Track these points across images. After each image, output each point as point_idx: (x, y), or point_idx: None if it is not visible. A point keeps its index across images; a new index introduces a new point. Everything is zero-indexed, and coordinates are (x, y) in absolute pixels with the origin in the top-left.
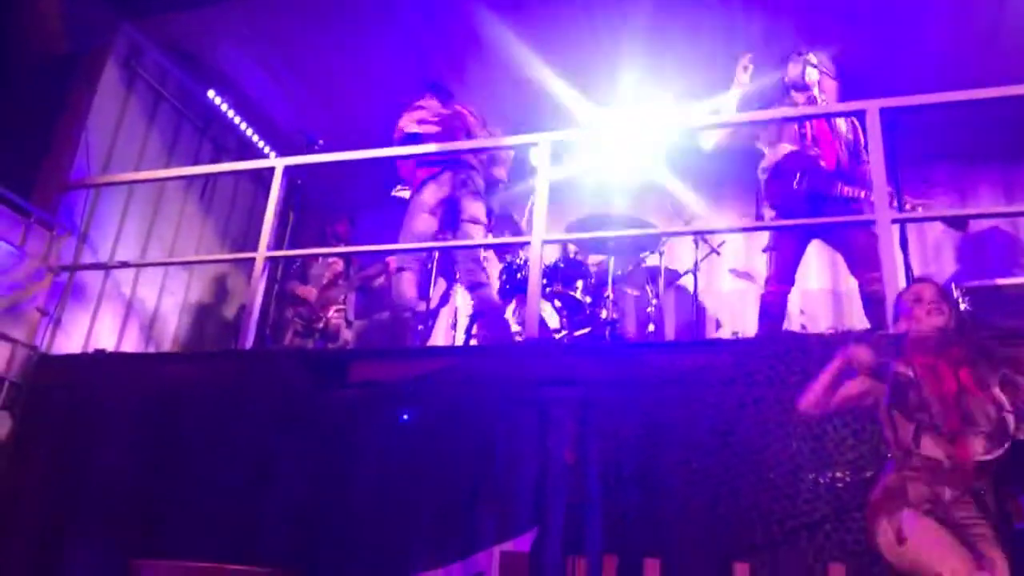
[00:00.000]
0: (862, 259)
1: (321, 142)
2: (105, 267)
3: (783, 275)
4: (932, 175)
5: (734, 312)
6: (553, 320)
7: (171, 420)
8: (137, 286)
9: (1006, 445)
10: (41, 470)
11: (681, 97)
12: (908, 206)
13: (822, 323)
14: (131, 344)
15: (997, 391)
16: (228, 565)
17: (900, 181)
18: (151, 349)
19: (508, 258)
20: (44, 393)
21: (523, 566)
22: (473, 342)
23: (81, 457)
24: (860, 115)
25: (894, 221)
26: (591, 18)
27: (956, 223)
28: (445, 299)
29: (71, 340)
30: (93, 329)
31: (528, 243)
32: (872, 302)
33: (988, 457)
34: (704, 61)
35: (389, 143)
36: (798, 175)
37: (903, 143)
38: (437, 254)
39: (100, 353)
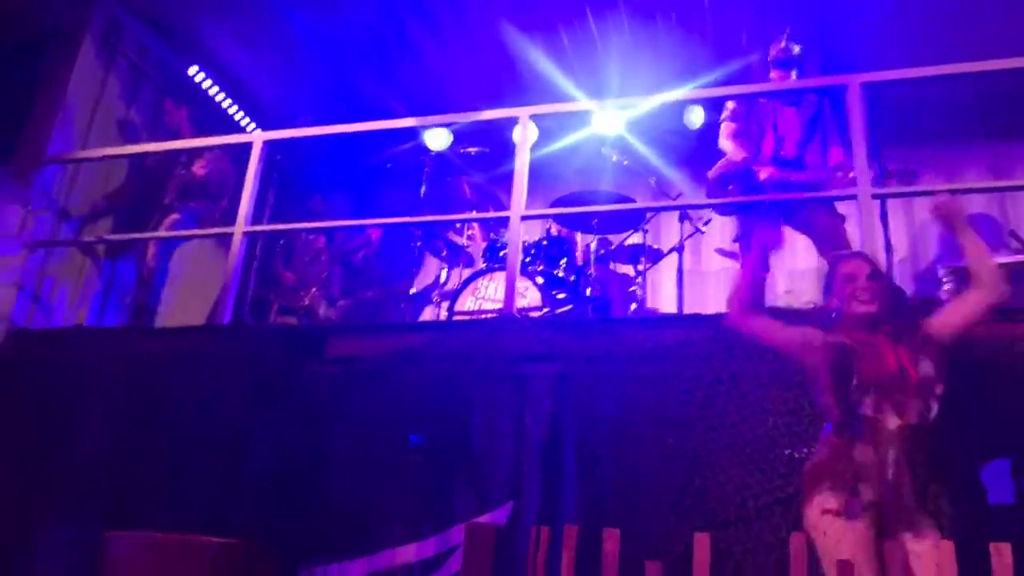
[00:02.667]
0: (827, 240)
1: (301, 116)
2: (81, 243)
3: (756, 263)
4: (917, 156)
5: (719, 291)
6: (535, 297)
7: (148, 395)
8: (117, 262)
9: (934, 409)
10: (16, 445)
11: (666, 76)
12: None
13: (807, 301)
14: (110, 320)
15: (926, 362)
16: (200, 536)
17: (882, 158)
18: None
19: (492, 236)
20: (20, 368)
21: (490, 538)
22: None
23: (57, 432)
24: (841, 91)
25: (875, 196)
26: None
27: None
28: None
29: (48, 315)
30: (71, 304)
31: (507, 219)
32: None
33: (921, 423)
34: (692, 40)
35: (370, 118)
36: (731, 185)
37: (889, 122)
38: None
39: (77, 328)
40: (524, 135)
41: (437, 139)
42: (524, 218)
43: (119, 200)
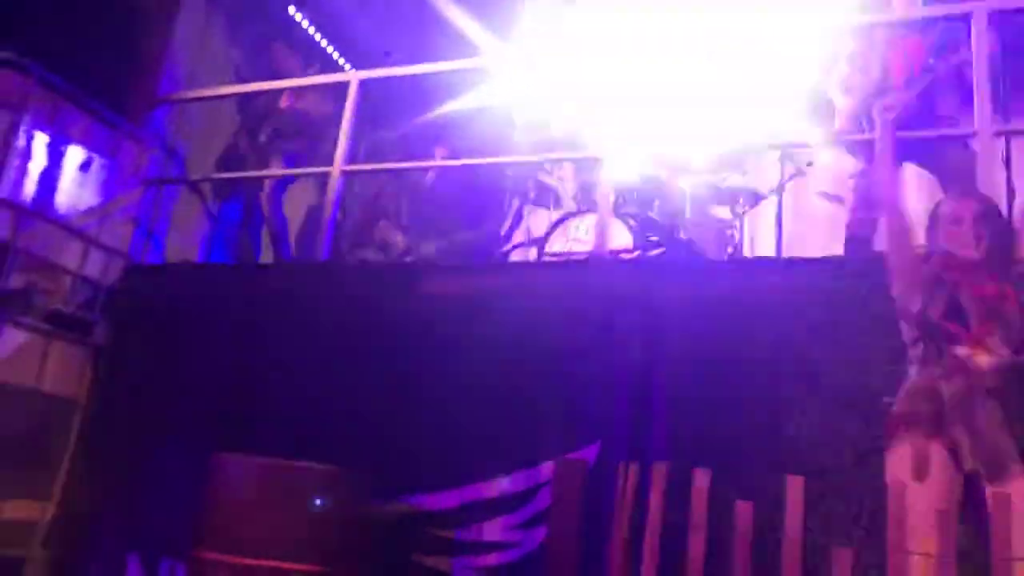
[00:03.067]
0: (956, 178)
1: (391, 56)
2: (191, 181)
3: (870, 202)
4: None
5: (822, 236)
6: (627, 240)
7: (253, 328)
8: (223, 202)
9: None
10: (135, 372)
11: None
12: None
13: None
14: (219, 253)
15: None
16: (300, 462)
17: (1006, 94)
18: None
19: (584, 176)
20: (138, 300)
21: (579, 474)
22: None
23: (170, 362)
24: (965, 20)
25: (997, 134)
26: None
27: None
28: (519, 217)
29: (162, 250)
30: (183, 239)
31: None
32: None
33: (1015, 361)
34: None
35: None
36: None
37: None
38: None
39: (188, 263)
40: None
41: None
42: (618, 157)
43: (231, 143)
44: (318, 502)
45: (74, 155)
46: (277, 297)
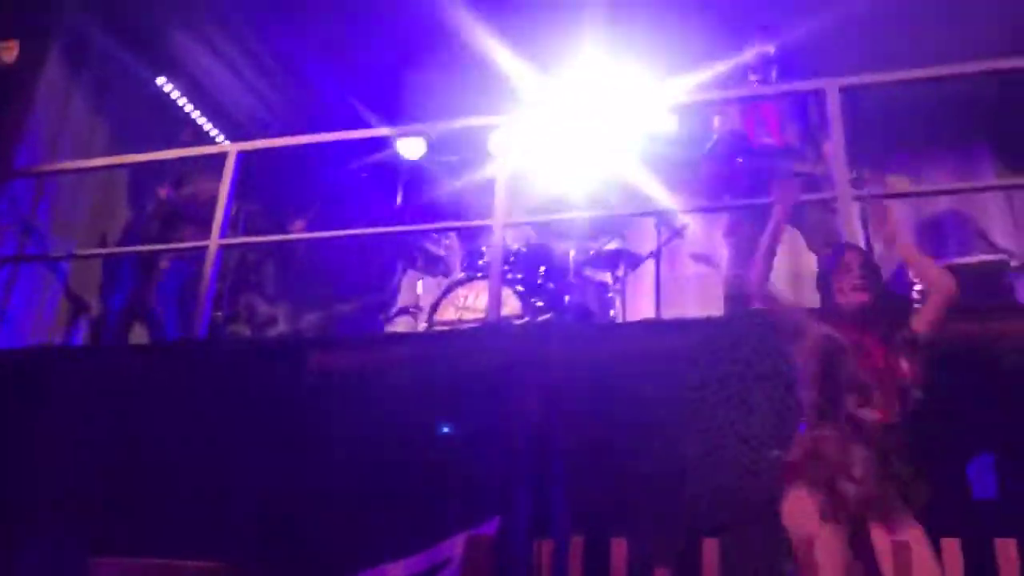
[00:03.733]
0: (818, 233)
1: (273, 126)
2: (50, 258)
3: (743, 259)
4: (889, 163)
5: (697, 296)
6: (515, 306)
7: (126, 414)
8: (85, 277)
9: (913, 406)
10: None
11: (641, 80)
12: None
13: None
14: (81, 337)
15: (908, 360)
16: (186, 561)
17: (860, 161)
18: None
19: (469, 245)
20: None
21: (488, 548)
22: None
23: (32, 455)
24: (820, 95)
25: (855, 199)
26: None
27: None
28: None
29: (17, 334)
30: (41, 322)
31: (490, 227)
32: None
33: (902, 420)
34: (666, 45)
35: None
36: (737, 158)
37: (861, 133)
38: None
39: (48, 347)
40: (505, 142)
41: (411, 148)
42: (506, 225)
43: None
44: None
45: None
46: (153, 379)
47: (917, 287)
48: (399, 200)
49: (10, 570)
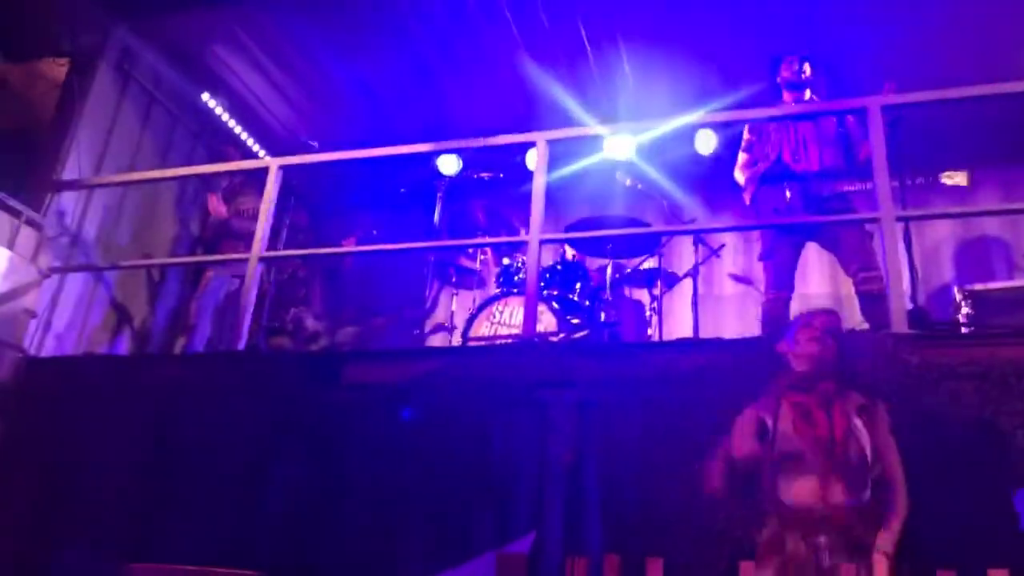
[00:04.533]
0: (855, 257)
1: (316, 144)
2: (96, 268)
3: (781, 282)
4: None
5: (734, 316)
6: (551, 322)
7: (164, 423)
8: (129, 288)
9: (868, 488)
10: (31, 474)
11: (678, 102)
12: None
13: None
14: (123, 346)
15: (859, 424)
16: (220, 569)
17: (904, 179)
18: (144, 351)
19: (505, 260)
20: (34, 396)
21: (521, 568)
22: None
23: (72, 461)
24: (861, 113)
25: (898, 219)
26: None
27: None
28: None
29: (62, 343)
30: (84, 332)
31: (525, 243)
32: (868, 300)
33: (854, 503)
34: (703, 65)
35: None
36: (786, 189)
37: (906, 149)
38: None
39: (91, 356)
40: (541, 159)
41: (449, 165)
42: (543, 242)
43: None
44: None
45: None
46: (193, 388)
47: (964, 310)
48: (436, 216)
49: (48, 572)
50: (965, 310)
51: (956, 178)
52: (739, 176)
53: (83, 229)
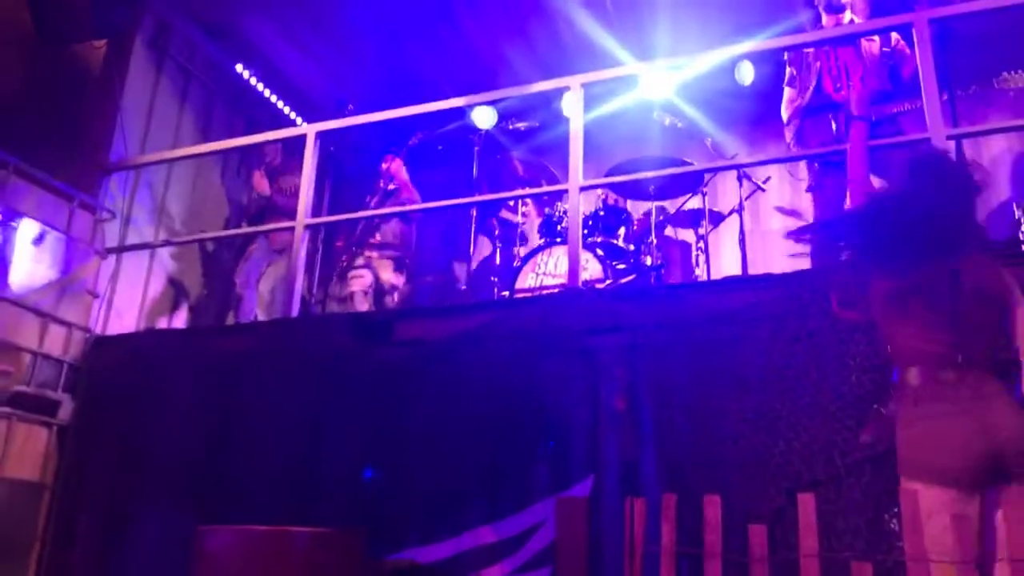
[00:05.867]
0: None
1: (351, 107)
2: (150, 246)
3: (831, 212)
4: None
5: (783, 250)
6: (596, 269)
7: (227, 391)
8: (183, 264)
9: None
10: (105, 448)
11: (715, 36)
12: None
13: None
14: (181, 320)
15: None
16: (287, 528)
17: (955, 95)
18: (201, 324)
19: (547, 211)
20: (102, 373)
21: (582, 511)
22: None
23: (143, 432)
24: (906, 29)
25: (949, 137)
26: None
27: None
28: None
29: (124, 320)
30: (144, 308)
31: (566, 191)
32: None
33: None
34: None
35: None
36: (832, 120)
37: (958, 59)
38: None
39: (153, 331)
40: (577, 104)
41: (484, 117)
42: (583, 188)
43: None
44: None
45: (26, 229)
46: (249, 357)
47: None
48: (475, 171)
49: (125, 540)
50: None
51: (1013, 80)
52: (786, 113)
53: (134, 208)
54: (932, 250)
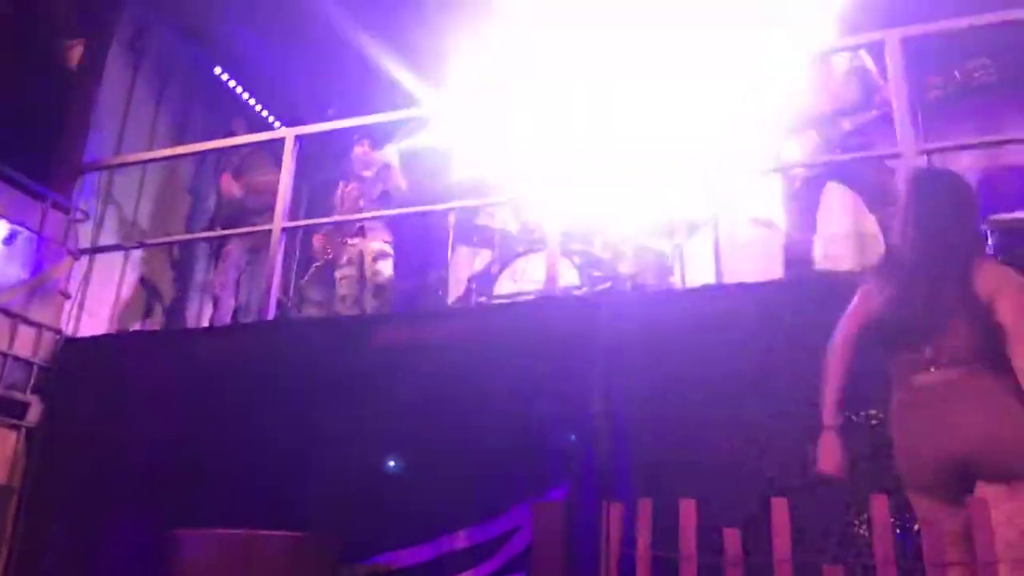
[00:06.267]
0: (878, 195)
1: (331, 111)
2: (123, 247)
3: (804, 223)
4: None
5: (757, 260)
6: (573, 277)
7: (201, 394)
8: (155, 266)
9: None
10: (75, 451)
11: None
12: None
13: (846, 266)
14: (154, 322)
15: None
16: (262, 532)
17: (921, 113)
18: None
19: (525, 217)
20: (72, 375)
21: (557, 515)
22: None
23: (112, 436)
24: (879, 47)
25: (920, 152)
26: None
27: None
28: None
29: (95, 322)
30: (116, 310)
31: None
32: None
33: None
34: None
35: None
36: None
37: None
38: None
39: (126, 333)
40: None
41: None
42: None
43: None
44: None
45: None
46: (224, 360)
47: (990, 240)
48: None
49: (97, 544)
50: (992, 240)
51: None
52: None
53: (107, 210)
54: (942, 260)
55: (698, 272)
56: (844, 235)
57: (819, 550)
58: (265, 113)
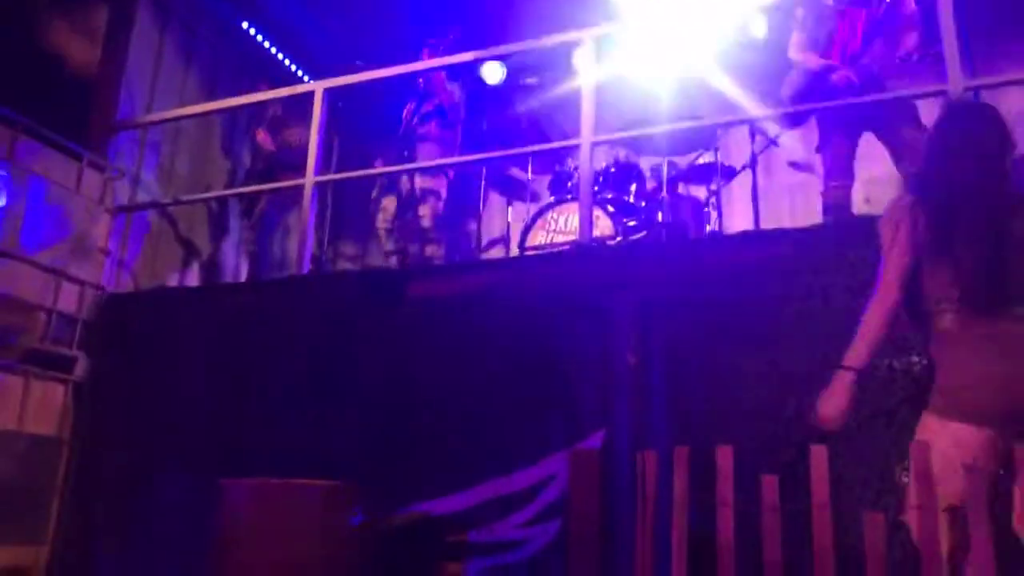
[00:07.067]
0: (907, 154)
1: (359, 62)
2: (159, 205)
3: (841, 170)
4: (1008, 48)
5: (796, 206)
6: (607, 226)
7: (241, 348)
8: (192, 222)
9: None
10: (119, 405)
11: None
12: None
13: None
14: (191, 278)
15: None
16: (305, 481)
17: (971, 49)
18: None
19: (557, 167)
20: (116, 330)
21: (594, 463)
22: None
23: (156, 390)
24: None
25: (967, 89)
26: None
27: None
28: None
29: (136, 278)
30: (155, 266)
31: (577, 146)
32: None
33: None
34: None
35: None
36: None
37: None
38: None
39: (165, 288)
40: (589, 59)
41: (493, 73)
42: (595, 144)
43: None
44: (354, 519)
45: (37, 188)
46: (262, 314)
47: None
48: (484, 127)
49: (145, 493)
50: None
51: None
52: (794, 56)
53: (143, 168)
54: (982, 187)
55: (737, 219)
56: (887, 179)
57: (858, 497)
58: (295, 68)
